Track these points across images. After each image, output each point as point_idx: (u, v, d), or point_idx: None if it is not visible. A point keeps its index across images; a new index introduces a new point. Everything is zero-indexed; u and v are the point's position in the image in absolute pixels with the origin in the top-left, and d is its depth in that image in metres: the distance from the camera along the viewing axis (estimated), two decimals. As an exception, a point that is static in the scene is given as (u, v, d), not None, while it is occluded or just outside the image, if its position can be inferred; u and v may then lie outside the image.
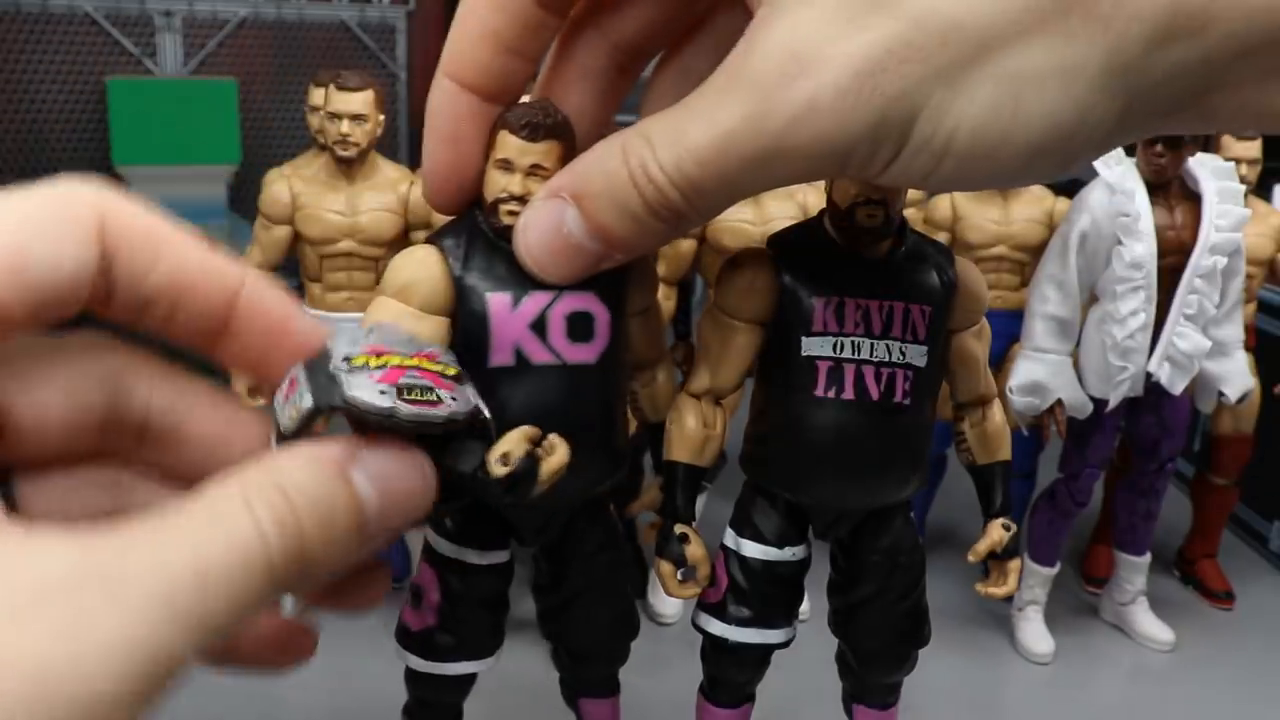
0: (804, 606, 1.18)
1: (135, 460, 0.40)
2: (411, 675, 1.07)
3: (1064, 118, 0.38)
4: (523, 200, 0.80)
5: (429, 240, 0.86)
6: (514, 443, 0.57)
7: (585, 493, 0.95)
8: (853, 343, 0.97)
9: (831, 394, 0.97)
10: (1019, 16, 0.37)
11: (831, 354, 0.97)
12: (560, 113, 0.70)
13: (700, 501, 1.25)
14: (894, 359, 0.97)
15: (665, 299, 2.11)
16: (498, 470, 0.54)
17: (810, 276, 0.98)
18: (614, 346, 0.87)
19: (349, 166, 1.94)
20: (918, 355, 0.98)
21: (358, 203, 1.95)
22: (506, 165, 0.79)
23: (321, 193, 1.95)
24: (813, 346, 0.97)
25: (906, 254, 1.00)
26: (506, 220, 0.80)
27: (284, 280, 2.11)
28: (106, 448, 0.39)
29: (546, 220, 0.50)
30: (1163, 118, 0.40)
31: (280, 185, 1.97)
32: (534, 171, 0.79)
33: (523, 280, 0.79)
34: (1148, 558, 2.12)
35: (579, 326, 0.84)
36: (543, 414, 0.87)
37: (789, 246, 1.01)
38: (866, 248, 0.99)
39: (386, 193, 1.97)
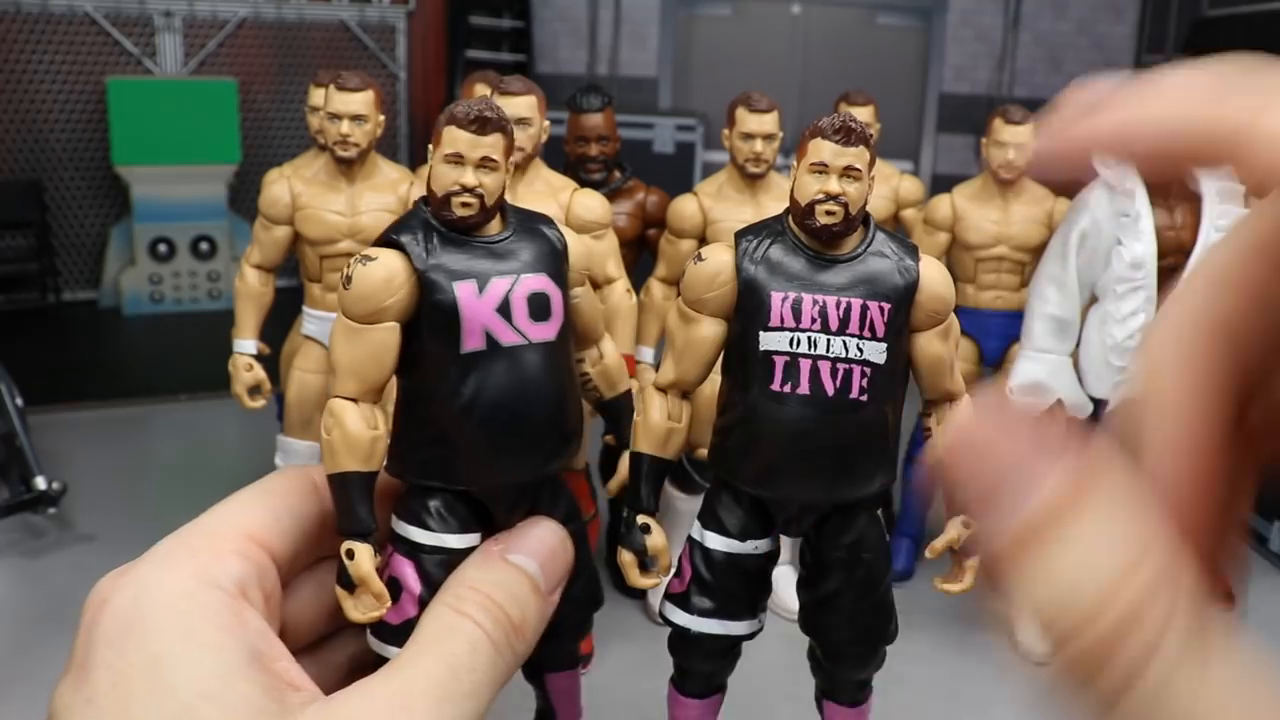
0: (796, 605, 1.18)
1: None
2: None
3: None
4: (474, 191, 0.84)
5: (387, 242, 0.87)
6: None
7: (549, 468, 0.97)
8: (809, 338, 0.99)
9: (787, 389, 0.99)
10: None
11: (788, 349, 0.99)
12: (500, 108, 0.78)
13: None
14: (851, 355, 0.99)
15: (665, 299, 2.11)
16: None
17: (770, 272, 1.01)
18: (567, 323, 0.91)
19: (349, 167, 1.94)
20: (876, 352, 0.99)
21: (358, 203, 1.95)
22: (458, 159, 0.83)
23: (321, 193, 1.95)
24: (770, 341, 0.99)
25: (869, 252, 1.01)
26: (460, 212, 0.85)
27: (284, 281, 2.12)
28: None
29: None
30: None
31: (280, 185, 1.96)
32: (484, 163, 0.83)
33: (483, 267, 0.84)
34: (1148, 558, 2.12)
35: (538, 306, 0.88)
36: (517, 391, 0.89)
37: (752, 242, 1.03)
38: (828, 245, 1.01)
39: (387, 193, 1.97)
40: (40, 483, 2.37)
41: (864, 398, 0.99)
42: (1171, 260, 1.86)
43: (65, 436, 2.97)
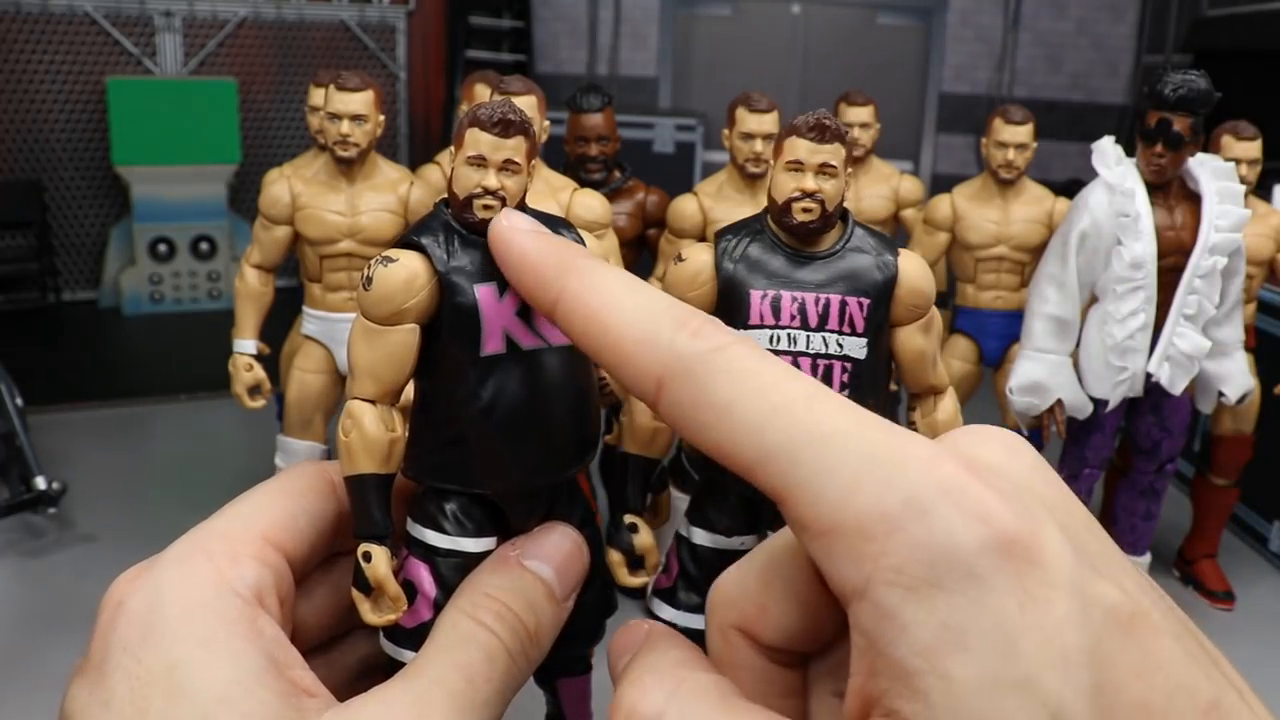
0: None
1: None
2: None
3: None
4: (496, 194, 0.84)
5: (408, 244, 0.88)
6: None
7: (567, 472, 0.98)
8: (789, 335, 1.00)
9: None
10: None
11: (768, 346, 0.99)
12: (523, 111, 0.79)
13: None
14: (831, 351, 1.00)
15: (665, 299, 2.11)
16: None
17: (749, 270, 1.02)
18: None
19: (349, 167, 1.94)
20: (856, 347, 1.00)
21: (358, 203, 1.95)
22: (480, 161, 0.83)
23: (321, 193, 1.95)
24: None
25: (848, 248, 1.02)
26: (482, 215, 0.84)
27: (284, 281, 2.12)
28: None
29: None
30: None
31: (280, 185, 1.96)
32: (506, 166, 0.83)
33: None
34: (1147, 558, 2.12)
35: None
36: (536, 395, 0.90)
37: (731, 241, 1.04)
38: (806, 242, 1.02)
39: (386, 193, 1.97)
40: (40, 483, 2.37)
41: (845, 393, 1.00)
42: (1171, 260, 1.86)
43: (65, 436, 2.97)
